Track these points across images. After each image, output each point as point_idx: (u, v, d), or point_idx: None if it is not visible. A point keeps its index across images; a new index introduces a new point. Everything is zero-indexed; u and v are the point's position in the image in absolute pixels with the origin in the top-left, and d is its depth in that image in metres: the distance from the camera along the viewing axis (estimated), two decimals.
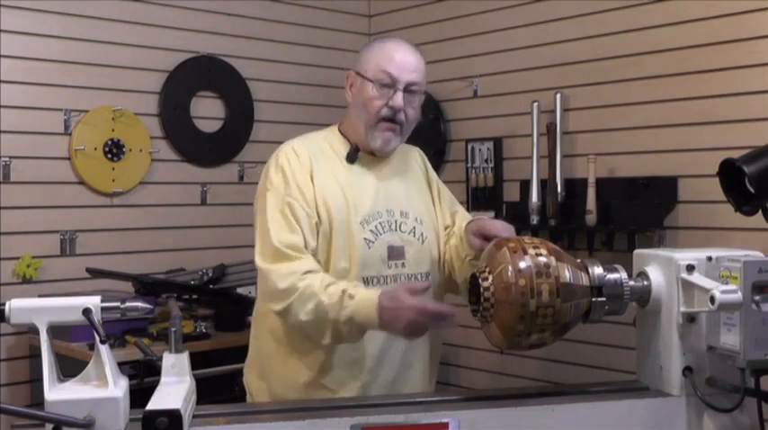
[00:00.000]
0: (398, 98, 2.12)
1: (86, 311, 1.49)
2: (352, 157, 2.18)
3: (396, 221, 2.16)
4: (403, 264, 2.14)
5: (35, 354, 3.01)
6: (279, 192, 2.09)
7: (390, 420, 1.66)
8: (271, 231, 2.05)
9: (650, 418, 1.73)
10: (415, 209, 2.21)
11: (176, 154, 3.54)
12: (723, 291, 1.54)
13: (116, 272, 3.11)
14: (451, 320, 1.92)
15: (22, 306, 1.52)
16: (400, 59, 2.14)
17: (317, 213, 2.08)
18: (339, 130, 2.24)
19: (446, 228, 2.28)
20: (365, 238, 2.10)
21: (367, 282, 2.09)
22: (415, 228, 2.18)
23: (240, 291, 3.32)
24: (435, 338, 2.26)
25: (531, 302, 1.65)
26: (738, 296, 1.54)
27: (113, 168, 3.32)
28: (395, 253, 2.14)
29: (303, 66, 3.87)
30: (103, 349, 1.49)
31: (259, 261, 2.08)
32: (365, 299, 1.93)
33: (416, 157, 2.34)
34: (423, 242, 2.18)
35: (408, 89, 2.13)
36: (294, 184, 2.09)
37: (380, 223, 2.14)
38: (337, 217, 2.09)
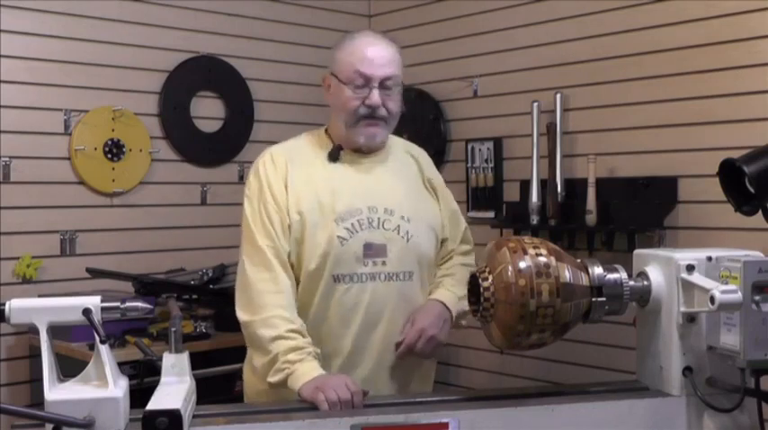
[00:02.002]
0: (374, 96, 2.13)
1: (86, 311, 1.49)
2: (333, 157, 2.20)
3: (378, 219, 2.15)
4: (384, 263, 2.13)
5: (35, 354, 3.00)
6: (255, 197, 2.14)
7: (390, 420, 1.66)
8: (255, 235, 2.10)
9: (650, 418, 1.73)
10: (403, 206, 2.19)
11: (176, 154, 3.54)
12: (723, 291, 1.54)
13: (116, 272, 3.10)
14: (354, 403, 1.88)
15: (22, 306, 1.52)
16: (372, 56, 2.15)
17: (289, 217, 2.11)
18: (326, 131, 2.27)
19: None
20: (339, 236, 2.10)
21: (338, 279, 2.10)
22: (399, 226, 2.16)
23: None
24: None
25: (531, 302, 1.65)
26: (738, 296, 1.54)
27: (113, 168, 3.32)
28: (373, 250, 2.13)
29: (303, 66, 3.87)
30: (103, 349, 1.49)
31: (247, 265, 2.11)
32: (302, 374, 1.94)
33: (409, 155, 2.33)
34: (408, 240, 2.16)
35: (384, 85, 2.14)
36: (268, 190, 2.13)
37: (359, 220, 2.13)
38: (310, 219, 2.11)
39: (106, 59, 3.32)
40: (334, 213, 2.12)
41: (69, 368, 1.58)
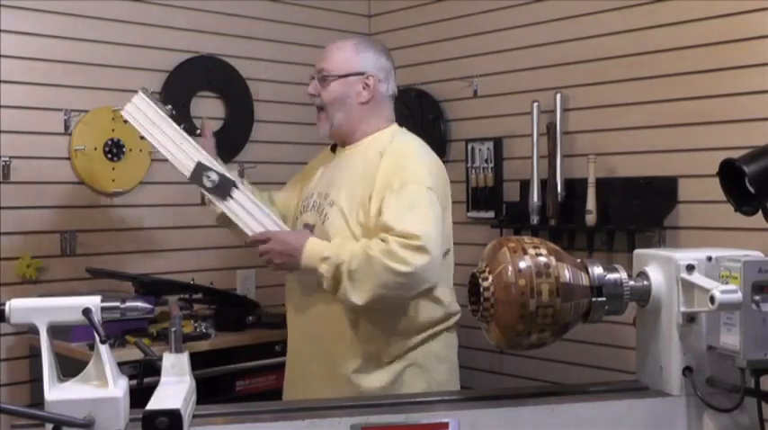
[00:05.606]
0: (310, 86, 2.43)
1: (86, 311, 1.49)
2: (332, 149, 2.52)
3: (320, 203, 2.37)
4: None
5: (35, 354, 3.00)
6: None
7: (390, 420, 1.66)
8: None
9: (650, 418, 1.73)
10: (336, 192, 2.34)
11: None
12: (723, 291, 1.54)
13: (116, 272, 3.10)
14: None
15: (22, 306, 1.52)
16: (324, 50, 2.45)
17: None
18: None
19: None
20: (295, 217, 2.51)
21: None
22: (324, 209, 2.36)
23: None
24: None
25: (531, 302, 1.65)
26: (738, 296, 1.54)
27: (113, 168, 3.32)
28: (307, 229, 2.39)
29: (303, 66, 3.85)
30: (103, 349, 1.49)
31: None
32: None
33: (378, 154, 2.33)
34: (323, 222, 2.34)
35: (320, 75, 2.40)
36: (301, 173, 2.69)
37: (306, 204, 2.44)
38: (298, 200, 2.55)
39: (106, 59, 3.31)
40: (301, 200, 2.51)
41: (69, 368, 1.58)
